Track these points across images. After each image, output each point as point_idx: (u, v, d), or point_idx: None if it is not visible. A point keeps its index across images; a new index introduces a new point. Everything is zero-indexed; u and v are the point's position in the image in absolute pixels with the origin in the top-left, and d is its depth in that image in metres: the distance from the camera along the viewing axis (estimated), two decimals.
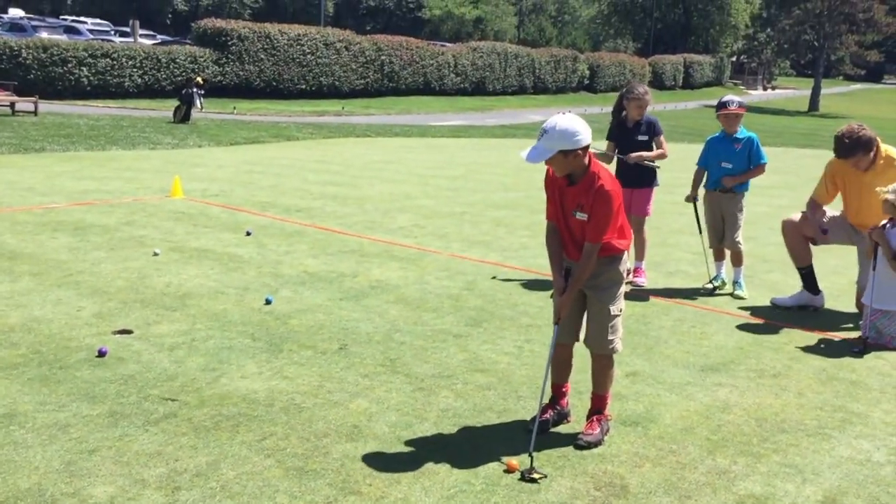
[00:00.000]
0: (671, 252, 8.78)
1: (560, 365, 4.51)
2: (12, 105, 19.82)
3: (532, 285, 7.25)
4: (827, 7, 55.63)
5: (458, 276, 7.41)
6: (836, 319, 6.71)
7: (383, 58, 36.60)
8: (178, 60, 29.18)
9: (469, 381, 5.03)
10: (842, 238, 6.89)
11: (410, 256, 8.04)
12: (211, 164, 13.99)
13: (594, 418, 4.39)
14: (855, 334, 6.22)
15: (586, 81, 51.42)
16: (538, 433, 4.28)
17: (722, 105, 7.23)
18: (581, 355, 4.50)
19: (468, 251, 8.39)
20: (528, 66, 45.56)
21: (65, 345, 5.18)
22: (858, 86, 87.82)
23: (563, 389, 4.56)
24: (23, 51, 25.30)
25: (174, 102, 22.32)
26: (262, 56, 31.79)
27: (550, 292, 5.74)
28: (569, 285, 4.22)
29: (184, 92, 21.01)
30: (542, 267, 7.92)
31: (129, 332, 5.48)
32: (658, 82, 58.78)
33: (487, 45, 44.19)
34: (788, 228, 7.02)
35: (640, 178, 7.22)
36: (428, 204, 11.14)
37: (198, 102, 20.92)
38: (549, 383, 4.42)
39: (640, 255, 7.47)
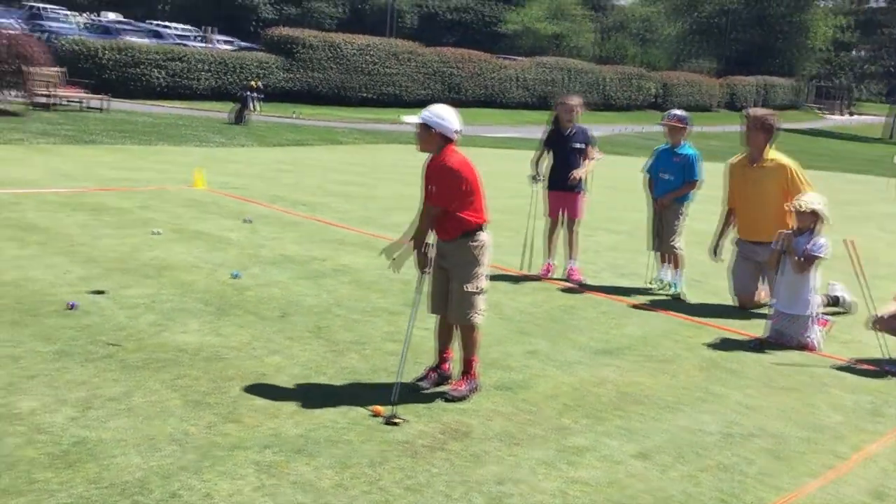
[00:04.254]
0: (636, 258, 9.28)
1: (441, 333, 5.19)
2: (82, 101, 21.32)
3: None
4: None
5: None
6: (754, 320, 7.15)
7: (447, 70, 37.52)
8: (247, 65, 30.62)
9: (380, 348, 5.73)
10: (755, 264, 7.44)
11: None
12: (246, 161, 15.01)
13: (462, 377, 5.05)
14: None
15: (657, 100, 51.40)
16: (419, 390, 5.03)
17: (663, 116, 7.81)
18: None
19: None
20: (595, 82, 45.90)
21: (43, 299, 6.08)
22: None
23: (445, 355, 5.21)
24: (101, 52, 27.00)
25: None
26: (329, 64, 33.03)
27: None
28: (414, 234, 4.94)
29: (239, 95, 22.22)
30: (504, 263, 8.55)
31: (102, 292, 6.35)
32: (733, 103, 58.31)
33: (553, 60, 44.75)
34: None
35: (572, 179, 7.81)
36: None
37: (252, 105, 22.09)
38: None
39: (572, 255, 8.05)
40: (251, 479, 3.85)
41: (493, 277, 7.86)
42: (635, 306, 7.33)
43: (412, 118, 4.87)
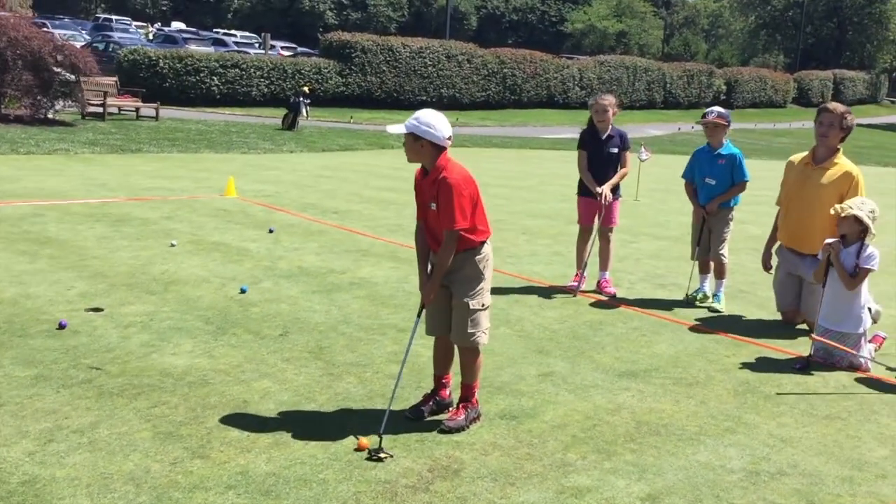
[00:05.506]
0: (678, 266, 8.68)
1: (439, 356, 4.76)
2: (137, 110, 21.50)
3: (511, 291, 7.42)
4: None
5: None
6: (802, 338, 6.52)
7: (506, 70, 37.03)
8: (303, 71, 30.61)
9: (381, 371, 5.32)
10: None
11: (411, 258, 8.37)
12: (287, 167, 14.80)
13: (461, 406, 4.61)
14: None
15: (722, 97, 49.99)
16: (415, 419, 4.61)
17: (703, 115, 7.25)
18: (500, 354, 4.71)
19: None
20: (659, 80, 44.82)
21: (36, 317, 5.84)
22: None
23: (444, 381, 4.78)
24: (160, 61, 27.27)
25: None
26: (384, 68, 32.86)
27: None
28: (433, 272, 4.48)
29: (291, 101, 22.16)
30: (534, 274, 8.08)
31: (100, 310, 6.10)
32: (804, 99, 56.40)
33: (615, 58, 43.91)
34: None
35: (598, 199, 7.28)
36: None
37: (303, 111, 21.99)
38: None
39: (604, 266, 7.50)
40: None
41: (520, 290, 7.43)
42: (670, 321, 6.77)
43: (396, 128, 4.45)
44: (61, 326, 5.66)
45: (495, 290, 7.28)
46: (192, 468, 3.97)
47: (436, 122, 4.37)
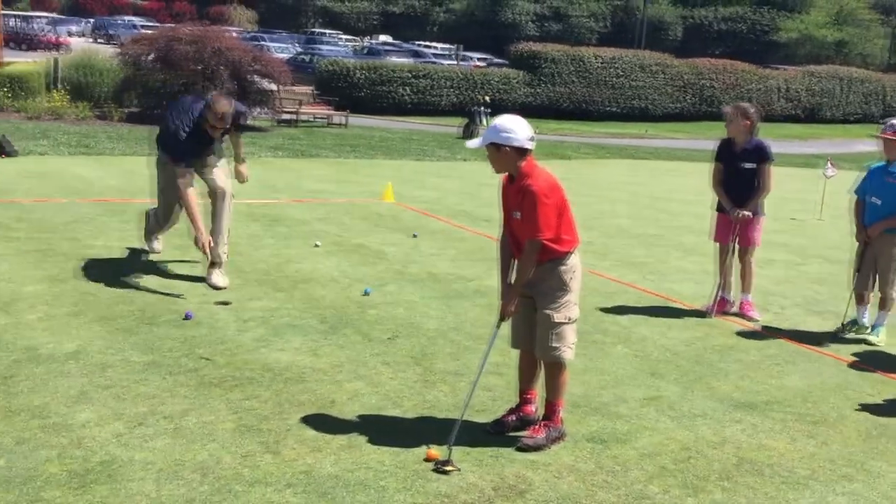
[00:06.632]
0: (841, 293, 7.90)
1: (524, 370, 4.58)
2: (328, 118, 22.50)
3: (642, 309, 7.05)
4: None
5: None
6: None
7: (702, 82, 35.71)
8: (491, 82, 30.94)
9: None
10: None
11: None
12: (454, 175, 14.92)
13: (542, 423, 4.41)
14: None
15: None
16: (496, 433, 4.47)
17: (882, 127, 6.57)
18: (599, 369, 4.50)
19: (611, 270, 8.29)
20: (877, 92, 41.65)
21: (168, 307, 6.17)
22: None
23: (527, 396, 4.59)
24: (354, 71, 28.46)
25: None
26: (574, 78, 32.60)
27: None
28: (514, 281, 4.33)
29: (469, 110, 22.40)
30: (674, 293, 7.66)
31: (227, 303, 6.35)
32: None
33: (825, 68, 41.22)
34: None
35: (743, 206, 6.74)
36: (621, 223, 11.04)
37: (481, 120, 22.14)
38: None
39: (746, 288, 6.92)
40: None
41: (653, 309, 7.03)
42: (812, 351, 6.18)
43: (475, 143, 4.38)
44: (187, 317, 5.95)
45: (623, 308, 7.01)
46: (260, 462, 4.02)
47: (514, 127, 4.24)
